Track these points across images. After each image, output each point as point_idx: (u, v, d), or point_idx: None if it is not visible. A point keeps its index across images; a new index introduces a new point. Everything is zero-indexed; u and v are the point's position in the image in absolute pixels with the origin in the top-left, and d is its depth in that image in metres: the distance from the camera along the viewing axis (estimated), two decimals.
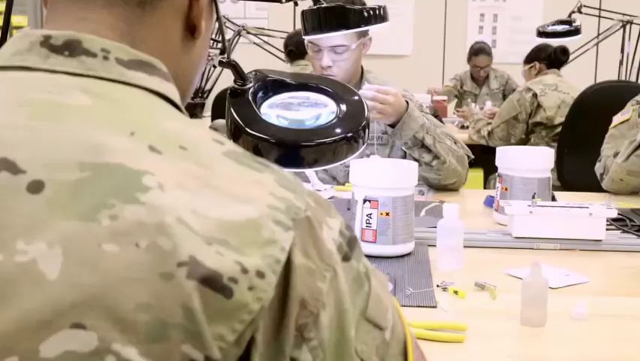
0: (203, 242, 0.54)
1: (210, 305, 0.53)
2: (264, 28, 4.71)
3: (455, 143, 2.21)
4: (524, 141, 3.71)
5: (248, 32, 4.29)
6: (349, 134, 1.18)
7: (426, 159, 2.13)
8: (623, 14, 4.32)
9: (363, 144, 1.22)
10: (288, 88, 1.29)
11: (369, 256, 1.53)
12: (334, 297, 0.59)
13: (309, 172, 2.22)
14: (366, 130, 1.22)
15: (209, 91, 4.72)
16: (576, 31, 4.09)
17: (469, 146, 2.34)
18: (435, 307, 1.28)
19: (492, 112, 4.24)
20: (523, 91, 3.80)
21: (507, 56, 5.99)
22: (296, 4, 1.96)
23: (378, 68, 2.36)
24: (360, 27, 2.04)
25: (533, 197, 1.69)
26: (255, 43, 4.43)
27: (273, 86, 1.28)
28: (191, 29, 0.72)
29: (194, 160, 0.58)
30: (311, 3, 1.96)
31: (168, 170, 0.56)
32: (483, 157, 4.54)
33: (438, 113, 4.24)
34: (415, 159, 2.16)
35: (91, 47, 0.64)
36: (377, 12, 2.05)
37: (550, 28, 4.08)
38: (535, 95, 3.72)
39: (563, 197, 2.33)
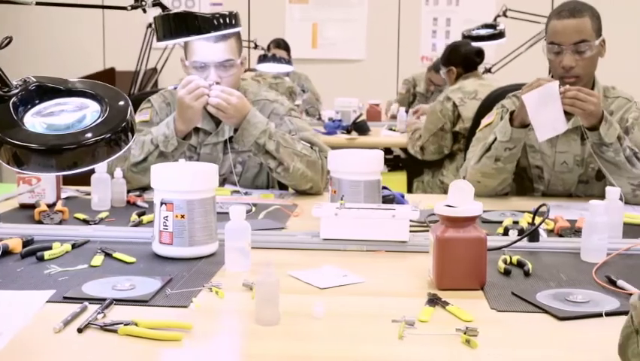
0: None
1: None
2: None
3: (312, 147, 2.24)
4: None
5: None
6: (107, 136, 1.21)
7: (271, 165, 2.17)
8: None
9: (126, 145, 1.24)
10: (54, 94, 1.32)
11: (166, 258, 1.58)
12: None
13: None
14: (128, 133, 1.25)
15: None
16: (500, 35, 4.11)
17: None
18: (187, 307, 1.31)
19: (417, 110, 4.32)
20: (443, 101, 3.80)
21: None
22: (144, 11, 2.01)
23: (332, 73, 2.38)
24: (210, 33, 2.08)
25: (342, 199, 1.72)
26: None
27: (38, 92, 1.31)
28: None
29: None
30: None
31: None
32: (406, 160, 4.55)
33: (363, 119, 4.28)
34: (270, 168, 2.20)
35: None
36: (227, 19, 2.09)
37: (475, 32, 4.11)
38: (455, 105, 3.73)
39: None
